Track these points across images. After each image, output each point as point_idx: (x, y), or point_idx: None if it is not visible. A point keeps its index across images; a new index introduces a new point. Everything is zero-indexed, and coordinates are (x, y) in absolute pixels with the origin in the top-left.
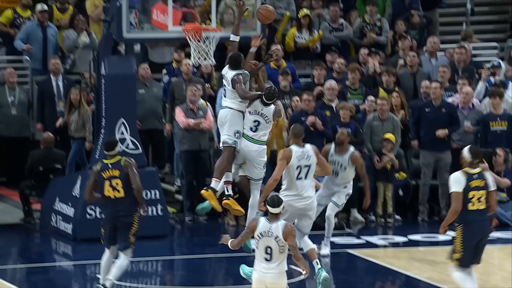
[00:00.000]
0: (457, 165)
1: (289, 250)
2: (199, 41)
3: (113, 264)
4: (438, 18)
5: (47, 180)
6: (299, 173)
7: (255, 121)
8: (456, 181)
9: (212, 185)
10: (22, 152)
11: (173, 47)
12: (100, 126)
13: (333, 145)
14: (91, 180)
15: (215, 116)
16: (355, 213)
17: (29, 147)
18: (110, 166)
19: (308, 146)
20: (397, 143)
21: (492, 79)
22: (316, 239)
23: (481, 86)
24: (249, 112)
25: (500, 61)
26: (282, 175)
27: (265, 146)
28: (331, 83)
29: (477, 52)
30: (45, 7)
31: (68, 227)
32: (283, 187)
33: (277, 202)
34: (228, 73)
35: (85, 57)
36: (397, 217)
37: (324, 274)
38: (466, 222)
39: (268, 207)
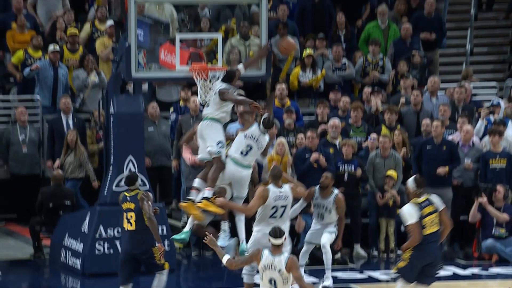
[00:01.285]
0: (457, 201)
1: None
2: (205, 80)
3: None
4: (439, 58)
5: (56, 216)
6: (275, 212)
7: (248, 145)
8: (410, 214)
9: (205, 194)
10: (32, 189)
11: (180, 85)
12: (108, 163)
13: (317, 188)
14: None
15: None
16: (358, 248)
17: (40, 184)
18: (128, 198)
19: (286, 187)
20: (399, 179)
21: (491, 117)
22: (319, 274)
23: (480, 124)
24: (245, 136)
25: (500, 100)
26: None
27: (251, 169)
28: (335, 121)
29: (476, 91)
30: (57, 48)
31: (77, 262)
32: (255, 221)
33: (279, 234)
34: (218, 85)
35: (94, 96)
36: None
37: None
38: (419, 243)
39: (270, 238)
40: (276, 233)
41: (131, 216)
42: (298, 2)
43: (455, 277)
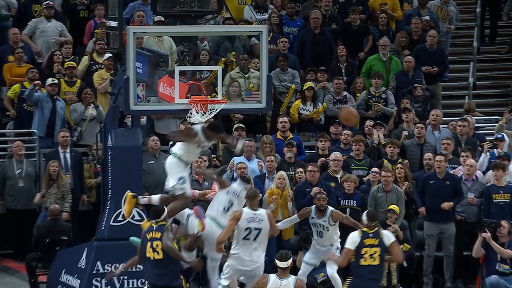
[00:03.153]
0: (461, 236)
1: None
2: (205, 113)
3: None
4: (441, 91)
5: (53, 251)
6: (248, 234)
7: (230, 201)
8: (351, 239)
9: None
10: (28, 224)
11: (179, 118)
12: (106, 197)
13: (313, 208)
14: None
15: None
16: None
17: (36, 219)
18: (154, 228)
19: (262, 211)
20: (401, 214)
21: (495, 151)
22: None
23: (483, 158)
24: (227, 192)
25: (504, 134)
26: (234, 232)
27: None
28: (336, 154)
29: (479, 125)
30: (55, 81)
31: None
32: (233, 245)
33: (285, 257)
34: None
35: (92, 129)
36: None
37: None
38: (356, 275)
39: (277, 261)
40: (282, 256)
41: (157, 245)
42: (298, 35)
43: None
